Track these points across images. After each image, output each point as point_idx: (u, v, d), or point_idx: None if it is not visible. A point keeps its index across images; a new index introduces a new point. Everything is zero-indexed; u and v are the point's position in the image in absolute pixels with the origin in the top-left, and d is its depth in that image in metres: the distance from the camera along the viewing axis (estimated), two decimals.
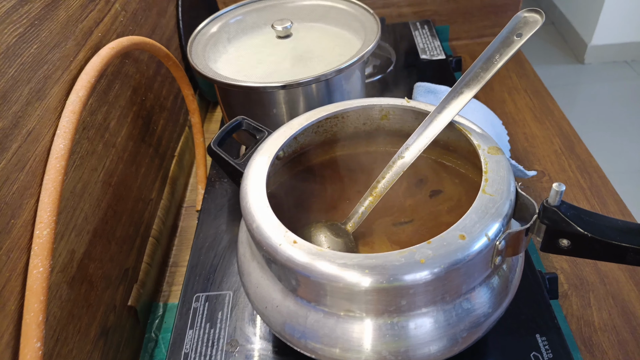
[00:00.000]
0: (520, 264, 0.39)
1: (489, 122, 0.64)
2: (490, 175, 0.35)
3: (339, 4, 0.63)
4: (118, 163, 0.54)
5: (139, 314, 0.55)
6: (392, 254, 0.31)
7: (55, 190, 0.39)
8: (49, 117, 0.41)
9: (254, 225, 0.35)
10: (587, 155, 0.68)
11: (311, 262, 0.32)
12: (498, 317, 0.36)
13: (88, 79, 0.45)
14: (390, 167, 0.42)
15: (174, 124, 0.74)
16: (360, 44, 0.56)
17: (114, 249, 0.52)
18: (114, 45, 0.49)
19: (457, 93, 0.40)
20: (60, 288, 0.42)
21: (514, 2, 0.96)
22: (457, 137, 0.43)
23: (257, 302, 0.38)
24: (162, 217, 0.64)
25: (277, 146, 0.42)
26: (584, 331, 0.49)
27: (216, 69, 0.56)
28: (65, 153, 0.40)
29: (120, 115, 0.56)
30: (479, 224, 0.32)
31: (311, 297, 0.34)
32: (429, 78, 0.77)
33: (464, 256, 0.31)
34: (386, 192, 0.42)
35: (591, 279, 0.53)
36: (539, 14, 0.38)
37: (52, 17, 0.43)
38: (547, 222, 0.32)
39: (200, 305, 0.51)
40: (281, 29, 0.58)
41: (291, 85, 0.50)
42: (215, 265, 0.55)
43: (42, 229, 0.38)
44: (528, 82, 0.85)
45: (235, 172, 0.43)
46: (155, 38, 0.69)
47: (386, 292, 0.31)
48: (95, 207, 0.49)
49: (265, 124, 0.55)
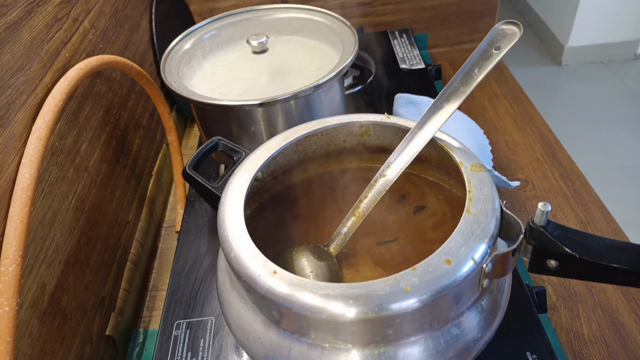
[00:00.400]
0: (508, 282, 0.38)
1: (471, 132, 0.63)
2: (474, 194, 0.34)
3: (315, 16, 0.62)
4: (91, 187, 0.52)
5: (118, 343, 0.53)
6: (376, 283, 0.30)
7: (22, 222, 0.37)
8: (13, 145, 0.39)
9: (231, 254, 0.34)
10: (569, 162, 0.68)
11: (292, 293, 0.31)
12: (488, 340, 0.35)
13: (55, 102, 0.43)
14: (372, 186, 0.40)
15: (151, 142, 0.72)
16: (338, 56, 0.55)
17: (88, 277, 0.50)
18: (83, 65, 0.47)
19: (438, 108, 0.39)
20: (31, 324, 0.40)
21: (492, 8, 0.96)
22: (439, 153, 0.42)
23: (238, 333, 0.37)
24: (141, 240, 0.62)
25: (255, 168, 0.41)
26: (574, 344, 0.48)
27: (191, 86, 0.54)
28: (31, 183, 0.38)
29: (92, 137, 0.54)
30: (465, 247, 0.31)
31: (294, 329, 0.33)
32: (409, 87, 0.77)
33: (450, 282, 0.30)
34: (369, 211, 0.40)
35: (579, 289, 0.52)
36: (517, 26, 0.37)
37: (15, 39, 0.41)
38: (534, 242, 0.31)
39: (181, 333, 0.49)
40: (257, 44, 0.57)
41: (269, 102, 0.48)
42: (196, 289, 0.53)
43: (8, 266, 0.36)
44: (507, 88, 0.85)
45: (212, 196, 0.41)
46: (128, 54, 0.67)
47: (372, 322, 0.30)
48: (67, 236, 0.47)
49: (243, 142, 0.54)
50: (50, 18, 0.48)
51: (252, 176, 0.40)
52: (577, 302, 0.52)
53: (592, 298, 0.52)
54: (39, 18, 0.45)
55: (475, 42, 0.99)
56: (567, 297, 0.52)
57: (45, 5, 0.47)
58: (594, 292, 0.52)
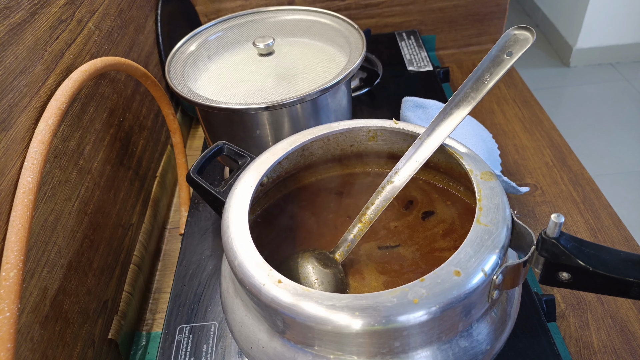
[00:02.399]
0: (518, 292, 0.37)
1: (479, 136, 0.62)
2: (485, 203, 0.34)
3: (322, 18, 0.61)
4: (94, 190, 0.52)
5: (120, 347, 0.53)
6: (383, 294, 0.29)
7: (24, 227, 0.37)
8: (15, 148, 0.39)
9: (235, 262, 0.33)
10: (579, 167, 0.67)
11: (297, 303, 0.30)
12: (497, 352, 0.34)
13: (58, 105, 0.42)
14: (380, 192, 0.40)
15: (155, 143, 0.72)
16: (346, 59, 0.55)
17: (91, 280, 0.49)
18: (87, 67, 0.47)
19: (447, 114, 0.38)
20: (32, 329, 0.39)
21: (500, 10, 0.95)
22: (448, 160, 0.41)
23: (241, 342, 0.36)
24: (144, 242, 0.62)
25: (260, 173, 0.40)
26: (584, 354, 0.47)
27: (196, 88, 0.54)
28: (33, 186, 0.38)
29: (96, 139, 0.53)
30: (475, 258, 0.30)
31: (298, 339, 0.32)
32: (417, 90, 0.76)
33: (459, 294, 0.29)
34: (376, 219, 0.40)
35: (589, 298, 0.51)
36: (530, 32, 0.36)
37: (18, 42, 0.41)
38: (546, 254, 0.30)
39: (184, 337, 0.48)
40: (263, 47, 0.56)
41: (274, 106, 0.48)
42: (199, 294, 0.52)
43: (9, 271, 0.35)
44: (516, 91, 0.83)
45: (216, 201, 0.41)
46: (133, 56, 0.66)
47: (378, 334, 0.29)
48: (69, 239, 0.46)
49: (248, 145, 0.53)
50: (55, 19, 0.47)
51: (257, 181, 0.39)
52: (586, 310, 0.51)
53: (602, 307, 0.51)
54: (42, 20, 0.45)
55: (484, 44, 0.98)
56: (576, 305, 0.51)
57: (49, 7, 0.46)
58: (604, 301, 0.51)
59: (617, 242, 0.57)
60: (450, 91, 0.85)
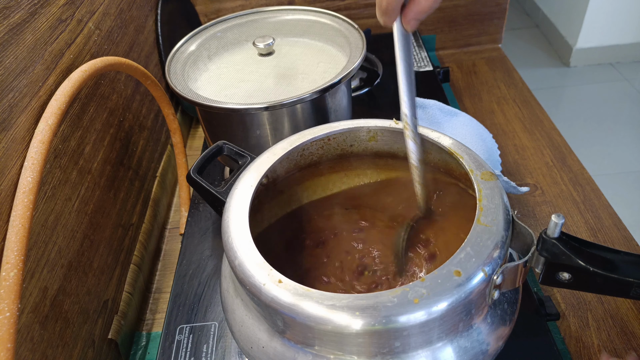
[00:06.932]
0: (519, 293, 0.37)
1: (479, 136, 0.62)
2: (485, 203, 0.34)
3: (322, 18, 0.61)
4: (94, 190, 0.52)
5: (120, 347, 0.53)
6: (383, 294, 0.29)
7: (24, 227, 0.36)
8: (15, 148, 0.39)
9: (236, 262, 0.33)
10: (579, 167, 0.67)
11: (297, 303, 0.30)
12: (498, 352, 0.34)
13: (58, 105, 0.42)
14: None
15: (155, 143, 0.72)
16: (346, 59, 0.55)
17: (91, 280, 0.49)
18: (87, 67, 0.47)
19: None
20: (32, 329, 0.39)
21: (500, 11, 0.95)
22: (448, 160, 0.41)
23: (242, 342, 0.36)
24: (144, 242, 0.62)
25: (260, 173, 0.40)
26: (584, 354, 0.47)
27: (196, 88, 0.54)
28: (33, 186, 0.38)
29: (96, 139, 0.53)
30: (475, 258, 0.30)
31: (299, 339, 0.32)
32: (417, 90, 0.76)
33: (460, 294, 0.29)
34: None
35: (589, 298, 0.51)
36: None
37: (18, 41, 0.41)
38: (546, 254, 0.30)
39: (184, 337, 0.48)
40: (263, 47, 0.56)
41: (274, 106, 0.48)
42: (199, 294, 0.52)
43: (9, 271, 0.35)
44: (516, 91, 0.83)
45: (217, 201, 0.41)
46: (133, 56, 0.66)
47: (379, 334, 0.29)
48: (69, 239, 0.46)
49: (249, 145, 0.53)
50: (55, 19, 0.47)
51: (257, 181, 0.39)
52: (586, 310, 0.51)
53: (602, 307, 0.51)
54: (42, 20, 0.45)
55: (484, 44, 0.98)
56: (576, 305, 0.51)
57: (49, 7, 0.46)
58: (604, 301, 0.51)
59: (617, 242, 0.57)
60: (450, 91, 0.84)
